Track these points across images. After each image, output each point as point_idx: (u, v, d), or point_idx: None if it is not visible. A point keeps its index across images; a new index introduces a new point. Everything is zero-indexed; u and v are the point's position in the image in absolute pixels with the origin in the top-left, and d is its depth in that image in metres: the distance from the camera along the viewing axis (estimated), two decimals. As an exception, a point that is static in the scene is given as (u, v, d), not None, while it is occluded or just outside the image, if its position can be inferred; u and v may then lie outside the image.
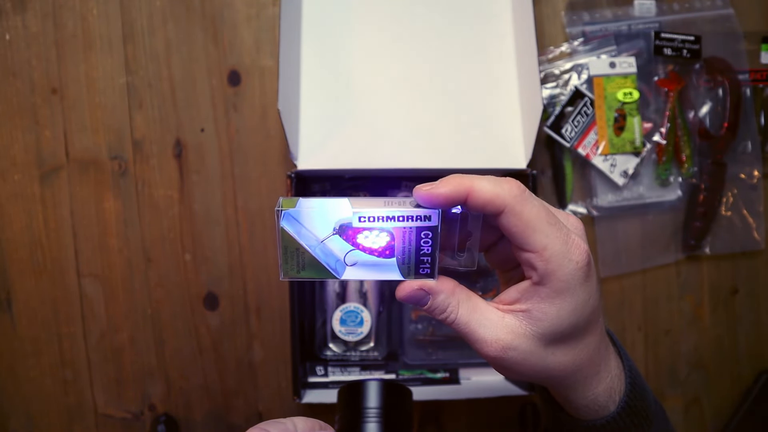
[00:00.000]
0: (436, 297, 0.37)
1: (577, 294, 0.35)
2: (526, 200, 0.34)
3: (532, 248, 0.35)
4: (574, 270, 0.35)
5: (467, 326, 0.37)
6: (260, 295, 0.77)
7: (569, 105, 0.76)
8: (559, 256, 0.34)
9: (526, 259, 0.35)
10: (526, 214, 0.34)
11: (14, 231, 0.75)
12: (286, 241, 0.36)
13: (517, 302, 0.37)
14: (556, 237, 0.35)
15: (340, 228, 0.36)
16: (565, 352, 0.37)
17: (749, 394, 0.82)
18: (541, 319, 0.36)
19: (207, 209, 0.76)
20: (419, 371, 0.77)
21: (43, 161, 0.75)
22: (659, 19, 0.79)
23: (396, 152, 0.72)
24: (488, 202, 0.34)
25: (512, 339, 0.36)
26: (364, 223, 0.35)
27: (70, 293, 0.76)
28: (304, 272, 0.37)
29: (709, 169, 0.78)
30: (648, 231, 0.80)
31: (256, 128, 0.77)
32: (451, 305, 0.37)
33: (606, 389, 0.39)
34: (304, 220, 0.36)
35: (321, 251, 0.37)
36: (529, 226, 0.34)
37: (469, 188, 0.35)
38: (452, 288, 0.38)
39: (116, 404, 0.77)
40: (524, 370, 0.37)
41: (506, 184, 0.35)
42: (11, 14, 0.75)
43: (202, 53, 0.76)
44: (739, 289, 0.82)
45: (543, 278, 0.35)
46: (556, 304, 0.35)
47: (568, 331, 0.36)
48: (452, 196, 0.35)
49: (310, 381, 0.76)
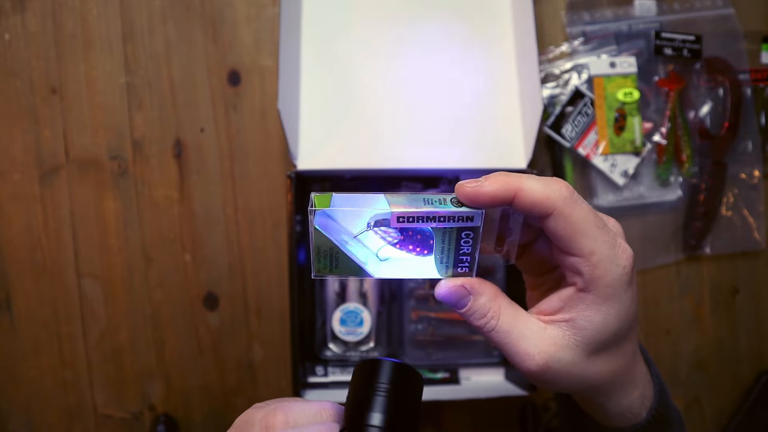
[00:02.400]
0: (477, 298, 0.35)
1: (623, 300, 0.34)
2: (575, 202, 0.33)
3: (578, 252, 0.33)
4: (621, 275, 0.33)
5: (508, 336, 0.35)
6: (260, 295, 0.77)
7: (569, 105, 0.76)
8: (607, 261, 0.33)
9: (572, 263, 0.34)
10: (575, 217, 0.32)
11: (14, 231, 0.75)
12: (318, 241, 0.34)
13: (559, 311, 0.35)
14: (603, 241, 0.33)
15: (375, 223, 0.34)
16: (606, 361, 0.35)
17: (749, 395, 0.82)
18: (586, 328, 0.34)
19: (207, 209, 0.76)
20: (419, 371, 0.77)
21: (42, 161, 0.75)
22: (660, 19, 0.79)
23: (396, 152, 0.71)
24: (537, 204, 0.32)
25: (555, 351, 0.34)
26: (403, 224, 0.33)
27: (69, 293, 0.76)
28: (337, 270, 0.35)
29: (710, 169, 0.78)
30: (648, 231, 0.80)
31: (256, 128, 0.77)
32: (492, 310, 0.35)
33: (639, 396, 0.38)
34: (338, 216, 0.34)
35: (354, 248, 0.35)
36: (578, 230, 0.32)
37: (517, 188, 0.32)
38: (495, 292, 0.35)
39: (116, 404, 0.77)
40: (564, 382, 0.35)
41: (555, 185, 0.33)
42: (11, 14, 0.75)
43: (202, 53, 0.76)
44: (740, 289, 0.82)
45: (589, 284, 0.33)
46: (602, 312, 0.34)
47: (612, 339, 0.35)
48: (498, 196, 0.33)
49: (310, 381, 0.76)
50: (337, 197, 0.34)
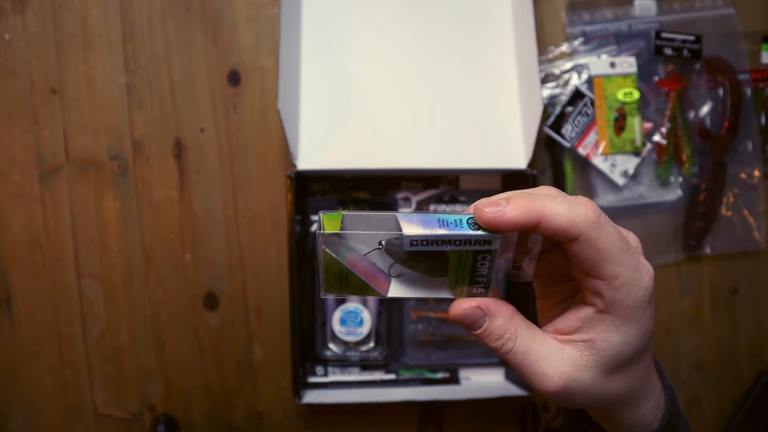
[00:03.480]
0: (493, 320, 0.34)
1: (642, 320, 0.33)
2: (601, 227, 0.31)
3: (602, 276, 0.32)
4: (642, 296, 0.33)
5: (525, 358, 0.34)
6: (260, 295, 0.77)
7: (569, 105, 0.76)
8: (629, 284, 0.32)
9: (593, 285, 0.33)
10: (602, 243, 0.31)
11: (14, 231, 0.75)
12: (328, 263, 0.33)
13: (577, 331, 0.34)
14: (627, 264, 0.32)
15: (387, 244, 0.33)
16: (623, 378, 0.35)
17: (750, 394, 0.82)
18: (605, 348, 0.33)
19: (207, 209, 0.76)
20: (419, 371, 0.77)
21: (42, 161, 0.75)
22: (660, 19, 0.79)
23: (396, 152, 0.71)
24: (562, 230, 0.31)
25: (573, 372, 0.33)
26: (416, 247, 0.32)
27: (69, 293, 0.76)
28: (347, 289, 0.34)
29: (710, 169, 0.78)
30: (648, 231, 0.80)
31: (256, 128, 0.77)
32: (509, 332, 0.34)
33: (653, 407, 0.38)
34: (348, 237, 0.33)
35: (365, 266, 0.34)
36: (602, 255, 0.31)
37: (541, 214, 0.31)
38: (511, 313, 0.34)
39: (116, 404, 0.77)
40: (581, 401, 0.35)
41: (581, 208, 0.31)
42: (11, 14, 0.75)
43: (202, 53, 0.76)
44: (740, 289, 0.82)
45: (609, 306, 0.33)
46: (622, 332, 0.33)
47: (630, 358, 0.34)
48: (521, 223, 0.31)
49: (310, 381, 0.76)
50: (348, 217, 0.33)
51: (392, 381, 0.77)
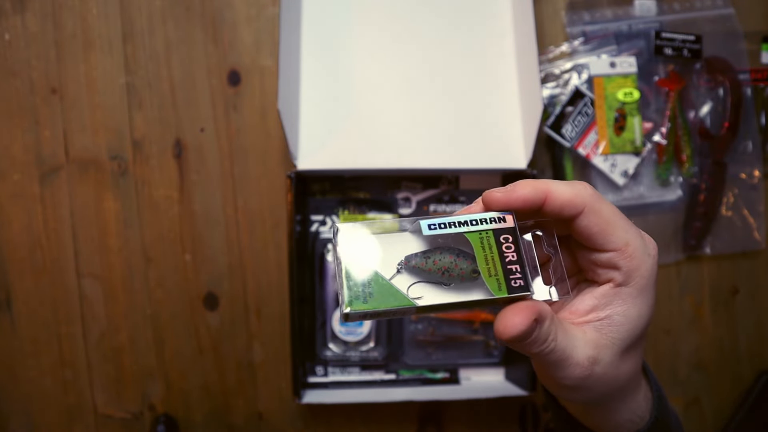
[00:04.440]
0: (542, 326, 0.32)
1: (652, 291, 0.34)
2: (601, 198, 0.33)
3: (614, 246, 0.33)
4: (652, 265, 0.34)
5: (564, 352, 0.32)
6: (260, 295, 0.77)
7: (569, 105, 0.76)
8: (641, 250, 0.33)
9: (608, 259, 0.33)
10: (605, 211, 0.33)
11: (14, 231, 0.75)
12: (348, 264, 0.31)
13: (593, 310, 0.34)
14: (634, 231, 0.33)
15: (406, 260, 0.32)
16: (633, 358, 0.35)
17: (749, 395, 0.82)
18: (623, 323, 0.33)
19: (207, 209, 0.76)
20: (419, 371, 0.77)
21: (42, 161, 0.75)
22: (660, 19, 0.79)
23: (396, 152, 0.71)
24: (567, 203, 0.32)
25: (597, 353, 0.33)
26: (434, 231, 0.32)
27: (69, 293, 0.76)
28: (373, 301, 0.31)
29: (710, 169, 0.78)
30: (648, 231, 0.79)
31: (256, 128, 0.77)
32: (552, 333, 0.32)
33: (644, 397, 0.38)
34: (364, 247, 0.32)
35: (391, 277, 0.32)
36: (610, 223, 0.33)
37: (546, 190, 0.33)
38: (551, 311, 0.32)
39: (116, 404, 0.77)
40: (600, 387, 0.34)
41: (579, 185, 0.33)
42: (11, 14, 0.75)
43: (202, 53, 0.76)
44: (740, 289, 0.82)
45: (628, 276, 0.33)
46: (638, 305, 0.33)
47: (642, 332, 0.34)
48: (530, 200, 0.32)
49: (310, 381, 0.76)
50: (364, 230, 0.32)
51: (392, 381, 0.77)
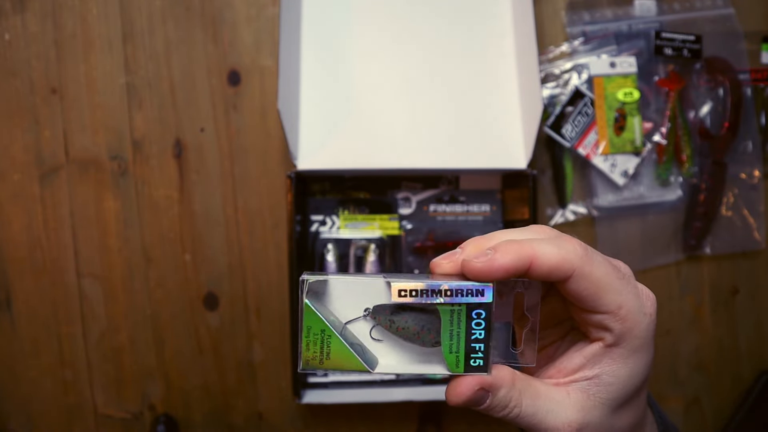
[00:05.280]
0: (496, 394, 0.31)
1: (650, 348, 0.32)
2: (591, 259, 0.31)
3: (606, 310, 0.31)
4: (649, 324, 0.32)
5: (533, 418, 0.32)
6: (260, 295, 0.77)
7: (569, 105, 0.76)
8: (635, 312, 0.31)
9: (598, 321, 0.32)
10: (596, 274, 0.30)
11: (14, 231, 0.75)
12: (310, 320, 0.30)
13: (581, 369, 0.33)
14: (628, 292, 0.31)
15: (374, 309, 0.31)
16: (629, 414, 0.34)
17: (749, 395, 0.81)
18: (612, 383, 0.32)
19: (207, 209, 0.76)
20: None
21: (42, 161, 0.75)
22: (660, 19, 0.79)
23: (396, 152, 0.71)
24: (555, 269, 0.30)
25: (584, 416, 0.32)
26: (405, 298, 0.30)
27: (69, 293, 0.76)
28: (329, 361, 0.31)
29: (710, 169, 0.78)
30: (648, 231, 0.80)
31: (256, 128, 0.77)
32: (513, 399, 0.32)
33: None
34: (331, 299, 0.31)
35: (348, 337, 0.31)
36: (601, 287, 0.31)
37: (532, 256, 0.30)
38: (511, 378, 0.32)
39: (116, 404, 0.77)
40: None
41: (569, 245, 0.31)
42: (11, 14, 0.75)
43: (202, 53, 0.76)
44: (740, 289, 0.82)
45: (620, 338, 0.31)
46: (629, 364, 0.32)
47: (637, 390, 0.33)
48: (513, 269, 0.30)
49: (310, 381, 0.76)
50: (333, 278, 0.31)
51: (392, 381, 0.77)
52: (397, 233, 0.76)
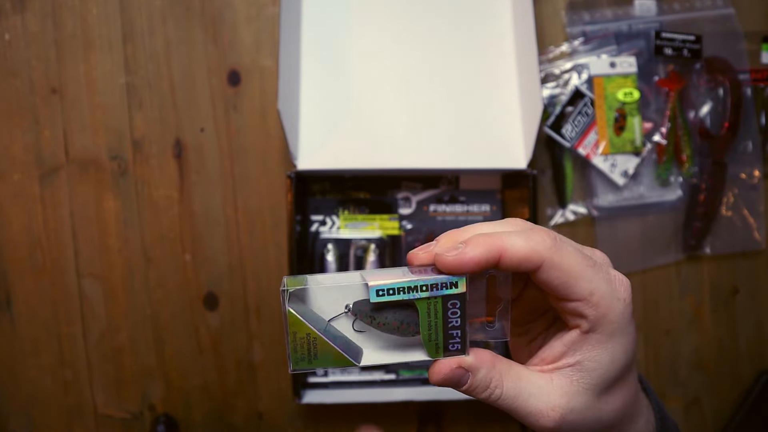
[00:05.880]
0: (476, 374, 0.33)
1: (627, 332, 0.33)
2: (560, 248, 0.32)
3: (578, 297, 0.32)
4: (623, 308, 0.33)
5: (515, 400, 0.33)
6: (260, 295, 0.77)
7: (569, 105, 0.76)
8: (608, 297, 0.32)
9: (573, 308, 0.33)
10: (565, 263, 0.31)
11: (14, 231, 0.75)
12: (294, 326, 0.32)
13: (563, 357, 0.34)
14: (599, 279, 0.32)
15: (354, 305, 0.33)
16: (616, 398, 0.34)
17: (749, 395, 0.81)
18: (595, 368, 0.33)
19: (207, 209, 0.76)
20: (419, 371, 0.77)
21: (42, 161, 0.75)
22: (660, 19, 0.79)
23: (396, 152, 0.71)
24: (524, 260, 0.31)
25: (568, 401, 0.33)
26: (383, 297, 0.32)
27: (69, 293, 0.76)
28: (317, 361, 0.33)
29: (710, 169, 0.78)
30: (648, 231, 0.80)
31: (256, 128, 0.77)
32: (494, 380, 0.33)
33: (645, 422, 0.37)
34: (312, 300, 0.33)
35: (333, 334, 0.33)
36: (572, 275, 0.32)
37: (501, 248, 0.31)
38: (491, 360, 0.34)
39: (116, 404, 0.77)
40: (581, 430, 0.34)
41: (537, 236, 0.32)
42: (11, 14, 0.75)
43: (202, 53, 0.76)
44: (740, 289, 0.82)
45: (595, 324, 0.32)
46: (609, 349, 0.33)
47: (620, 374, 0.34)
48: (483, 261, 0.31)
49: (310, 381, 0.76)
50: (311, 278, 0.33)
51: (392, 381, 0.77)
52: (397, 233, 0.76)
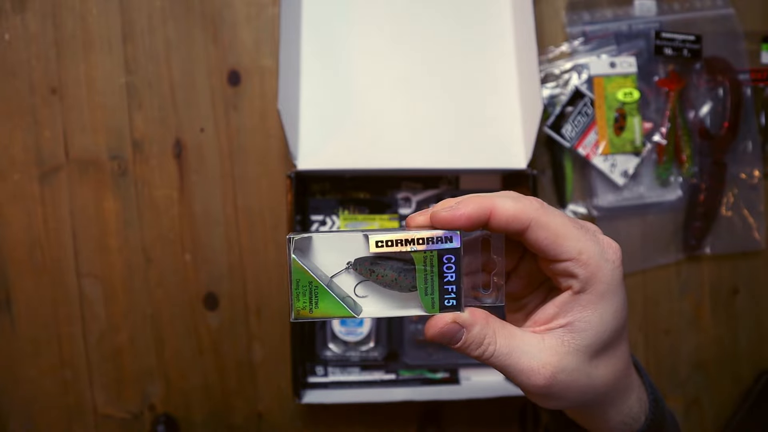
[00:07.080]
0: (470, 330, 0.34)
1: (617, 295, 0.34)
2: (548, 211, 0.33)
3: (567, 256, 0.33)
4: (613, 269, 0.34)
5: (508, 358, 0.34)
6: (260, 295, 0.77)
7: (569, 105, 0.76)
8: (597, 257, 0.33)
9: (563, 268, 0.34)
10: (553, 223, 0.33)
11: (14, 231, 0.75)
12: (297, 273, 0.33)
13: (554, 318, 0.35)
14: (588, 239, 0.33)
15: (355, 262, 0.34)
16: (607, 364, 0.35)
17: (749, 395, 0.82)
18: (585, 329, 0.34)
19: (207, 209, 0.76)
20: (419, 371, 0.77)
21: (42, 161, 0.75)
22: (660, 19, 0.79)
23: (396, 152, 0.71)
24: (512, 219, 0.33)
25: (559, 360, 0.34)
26: (382, 248, 0.33)
27: (69, 293, 0.76)
28: (318, 310, 0.34)
29: (710, 169, 0.78)
30: (648, 231, 0.80)
31: (256, 128, 0.77)
32: (488, 336, 0.34)
33: (637, 399, 0.38)
34: (316, 255, 0.34)
35: (334, 288, 0.34)
36: (560, 235, 0.33)
37: (491, 207, 0.33)
38: (485, 317, 0.34)
39: (116, 404, 0.77)
40: (572, 395, 0.34)
41: (526, 200, 0.33)
42: (11, 14, 0.75)
43: (202, 53, 0.76)
44: (740, 289, 0.82)
45: (585, 283, 0.33)
46: (599, 310, 0.34)
47: (610, 338, 0.35)
48: (474, 217, 0.33)
49: (310, 381, 0.76)
50: (316, 236, 0.34)
51: (392, 381, 0.77)
52: (397, 233, 0.76)
